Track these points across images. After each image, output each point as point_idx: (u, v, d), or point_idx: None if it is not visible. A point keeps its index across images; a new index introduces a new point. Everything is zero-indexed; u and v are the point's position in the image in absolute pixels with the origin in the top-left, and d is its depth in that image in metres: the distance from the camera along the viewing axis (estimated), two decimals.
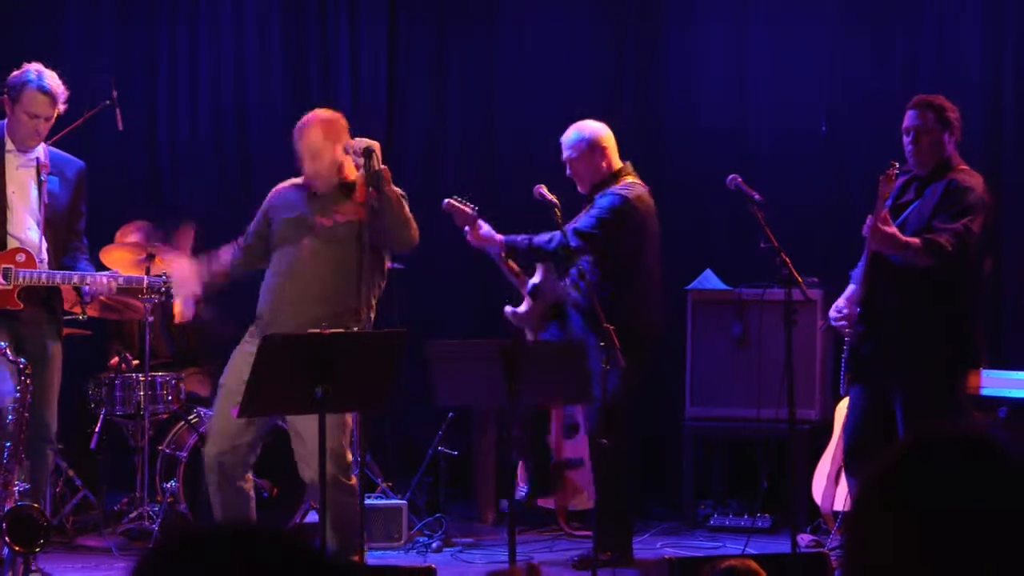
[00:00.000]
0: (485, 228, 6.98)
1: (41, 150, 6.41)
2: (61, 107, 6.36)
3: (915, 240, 6.12)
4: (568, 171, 7.05)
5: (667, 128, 8.87)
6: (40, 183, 6.37)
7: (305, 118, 6.31)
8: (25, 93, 6.27)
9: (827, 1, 8.69)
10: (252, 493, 6.30)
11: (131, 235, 7.86)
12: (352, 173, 6.23)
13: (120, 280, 6.54)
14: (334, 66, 9.27)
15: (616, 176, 7.02)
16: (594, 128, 7.08)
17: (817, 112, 8.44)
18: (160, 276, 6.76)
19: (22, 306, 6.26)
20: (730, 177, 6.49)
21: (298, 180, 6.36)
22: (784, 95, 8.71)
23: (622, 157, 7.14)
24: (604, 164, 7.03)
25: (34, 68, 6.35)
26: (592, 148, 7.01)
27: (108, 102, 7.68)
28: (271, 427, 6.44)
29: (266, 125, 9.15)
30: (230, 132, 9.37)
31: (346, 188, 6.25)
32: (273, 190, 6.45)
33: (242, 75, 9.36)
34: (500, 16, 9.28)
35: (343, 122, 6.30)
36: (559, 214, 6.69)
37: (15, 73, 6.35)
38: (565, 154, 7.05)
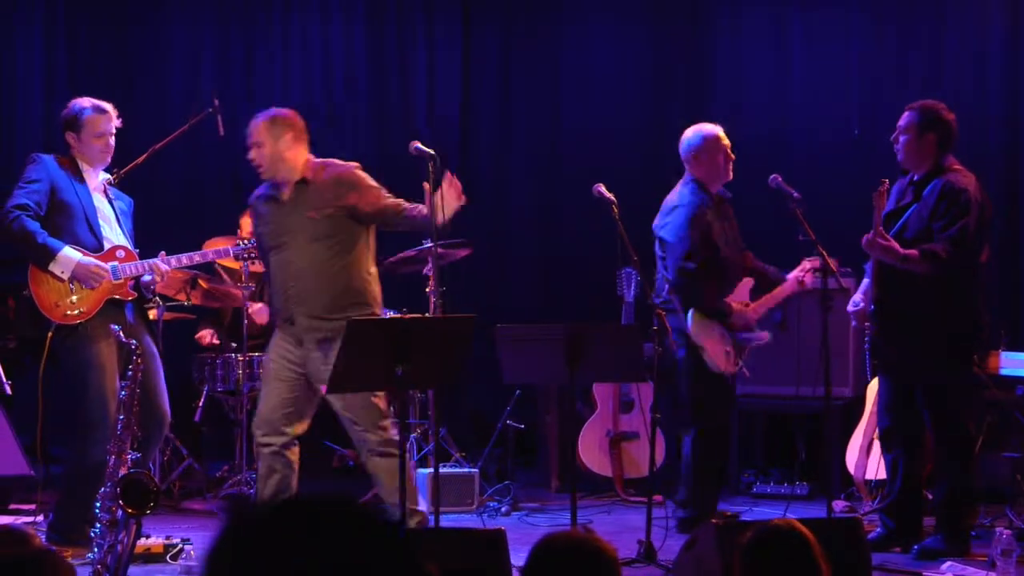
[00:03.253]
0: None
1: (101, 177, 6.62)
2: (117, 121, 6.57)
3: (912, 251, 6.29)
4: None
5: None
6: (111, 200, 6.60)
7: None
8: (86, 119, 6.50)
9: (857, 18, 8.91)
10: (296, 463, 6.52)
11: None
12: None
13: (210, 255, 6.87)
14: (412, 73, 9.56)
15: None
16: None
17: (849, 118, 8.70)
18: (242, 243, 7.07)
19: (136, 295, 6.54)
20: (771, 177, 6.72)
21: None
22: (820, 103, 8.92)
23: (674, 157, 7.51)
24: None
25: (75, 102, 6.59)
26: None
27: (211, 110, 7.96)
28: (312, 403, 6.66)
29: (350, 130, 9.49)
30: (316, 137, 9.66)
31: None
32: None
33: (329, 86, 9.67)
34: (562, 28, 9.49)
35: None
36: (616, 211, 6.78)
37: (63, 113, 6.57)
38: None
